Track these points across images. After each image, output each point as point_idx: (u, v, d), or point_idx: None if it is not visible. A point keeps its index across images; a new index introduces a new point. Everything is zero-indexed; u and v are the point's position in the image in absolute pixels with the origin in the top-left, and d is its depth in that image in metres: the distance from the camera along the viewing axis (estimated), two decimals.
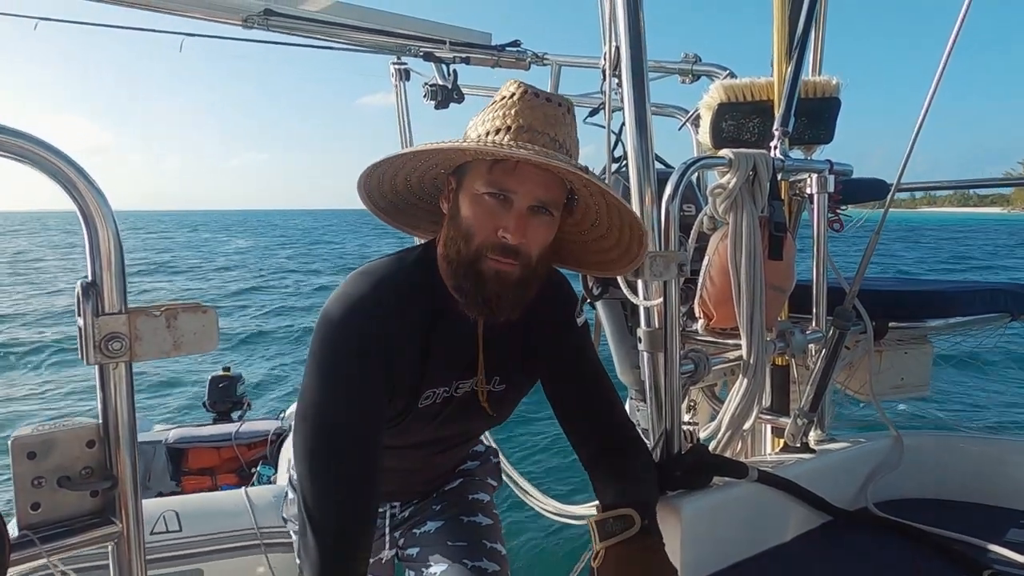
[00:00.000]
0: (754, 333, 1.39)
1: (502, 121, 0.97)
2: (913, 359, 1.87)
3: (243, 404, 4.72)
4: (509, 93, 1.00)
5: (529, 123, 0.96)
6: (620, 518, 1.05)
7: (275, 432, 4.20)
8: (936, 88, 1.49)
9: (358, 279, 1.02)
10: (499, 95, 1.01)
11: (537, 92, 0.99)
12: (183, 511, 2.98)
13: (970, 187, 2.57)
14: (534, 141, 0.95)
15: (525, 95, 0.99)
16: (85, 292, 0.66)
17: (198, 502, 3.12)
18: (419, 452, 1.19)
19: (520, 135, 0.96)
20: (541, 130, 0.97)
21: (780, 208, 1.47)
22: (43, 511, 0.68)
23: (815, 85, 1.79)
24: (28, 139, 0.62)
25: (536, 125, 0.97)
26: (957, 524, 1.41)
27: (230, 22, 2.27)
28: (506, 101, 0.99)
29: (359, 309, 0.98)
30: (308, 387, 0.98)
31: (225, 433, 4.20)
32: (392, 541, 1.32)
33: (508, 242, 0.94)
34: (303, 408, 0.99)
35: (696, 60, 2.39)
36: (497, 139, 0.96)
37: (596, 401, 1.17)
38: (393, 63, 2.87)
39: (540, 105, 0.98)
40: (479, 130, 1.00)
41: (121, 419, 0.70)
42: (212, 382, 4.65)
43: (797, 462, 1.50)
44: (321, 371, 0.97)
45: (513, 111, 0.97)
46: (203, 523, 2.91)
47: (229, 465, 4.16)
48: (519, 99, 0.99)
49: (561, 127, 0.99)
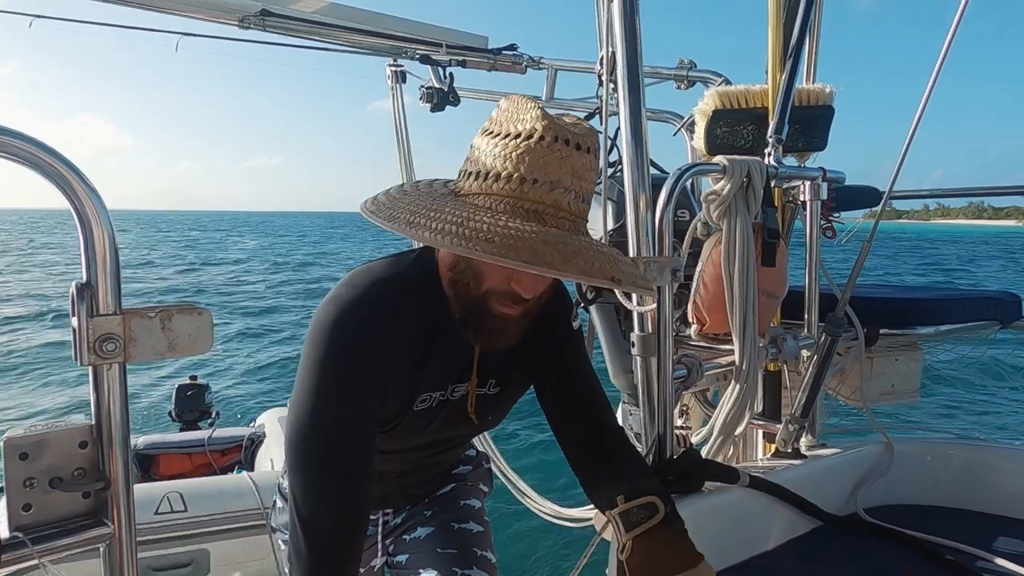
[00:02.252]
0: (747, 339, 1.40)
1: (526, 168, 0.85)
2: (904, 366, 1.89)
3: (211, 413, 4.58)
4: (535, 131, 0.86)
5: (557, 179, 0.86)
6: (644, 507, 1.04)
7: (249, 438, 4.12)
8: (928, 97, 1.51)
9: (352, 281, 1.00)
10: (521, 126, 0.87)
11: (567, 138, 0.86)
12: (187, 492, 2.96)
13: (963, 195, 2.59)
14: (559, 203, 0.86)
15: (556, 143, 0.86)
16: (80, 293, 0.66)
17: (202, 484, 3.12)
18: (413, 455, 1.19)
19: (546, 194, 0.85)
20: (568, 186, 0.86)
21: (773, 215, 1.48)
22: (35, 512, 0.68)
23: (809, 93, 1.80)
24: (23, 139, 0.62)
25: (564, 180, 0.86)
26: (946, 530, 1.42)
27: (227, 22, 2.27)
28: (530, 144, 0.86)
29: (353, 313, 0.96)
30: (301, 390, 0.97)
31: (198, 439, 4.09)
32: (383, 548, 1.31)
33: (521, 295, 0.91)
34: (295, 412, 0.97)
35: (691, 66, 2.40)
36: (511, 188, 0.85)
37: (590, 406, 1.17)
38: (389, 65, 2.88)
39: (570, 156, 0.86)
40: (495, 166, 0.87)
41: (114, 420, 0.70)
42: (179, 391, 4.50)
43: (788, 468, 1.51)
44: (314, 375, 0.95)
45: (540, 160, 0.85)
46: (208, 504, 2.89)
47: (202, 471, 4.03)
48: (548, 145, 0.85)
49: (586, 177, 0.89)
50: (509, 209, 0.85)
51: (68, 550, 0.69)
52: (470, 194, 0.89)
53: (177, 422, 4.49)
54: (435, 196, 0.91)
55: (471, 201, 0.87)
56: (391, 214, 0.88)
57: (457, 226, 0.81)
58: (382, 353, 0.97)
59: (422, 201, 0.89)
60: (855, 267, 1.57)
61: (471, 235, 0.79)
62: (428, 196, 0.91)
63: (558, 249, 0.81)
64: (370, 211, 0.91)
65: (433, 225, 0.82)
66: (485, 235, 0.79)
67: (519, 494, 2.91)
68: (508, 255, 0.78)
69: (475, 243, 0.79)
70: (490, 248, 0.78)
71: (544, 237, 0.81)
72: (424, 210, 0.86)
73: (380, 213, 0.90)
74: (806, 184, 1.62)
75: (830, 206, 1.67)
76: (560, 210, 0.86)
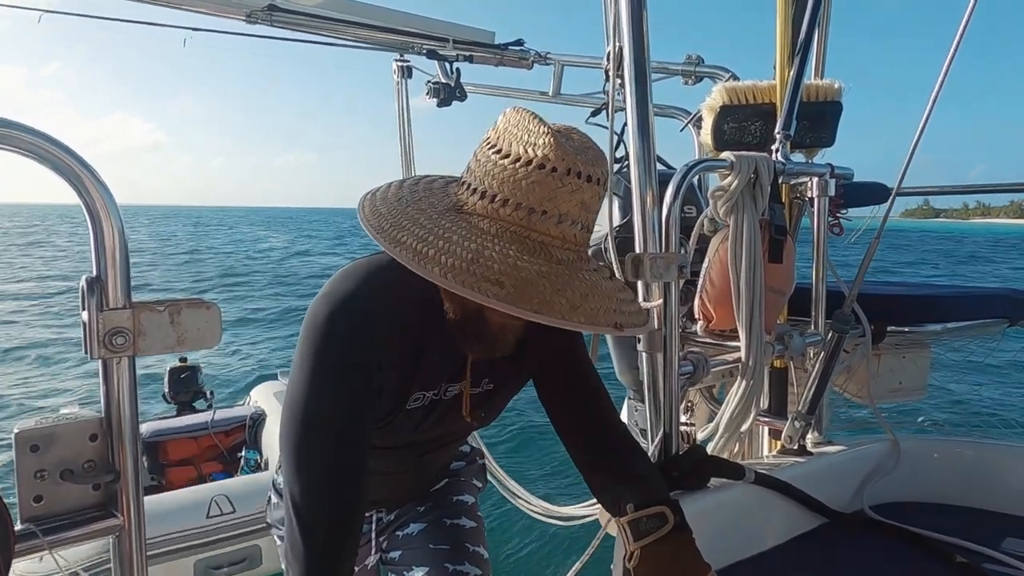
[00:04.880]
0: (753, 335, 1.40)
1: (534, 197, 0.83)
2: (911, 363, 1.88)
3: (205, 393, 4.64)
4: (547, 162, 0.83)
5: (566, 212, 0.84)
6: (654, 516, 1.04)
7: (251, 417, 4.23)
8: (938, 92, 1.50)
9: (346, 276, 0.99)
10: (532, 151, 0.84)
11: (579, 171, 0.84)
12: (233, 493, 3.14)
13: (967, 192, 2.57)
14: (566, 236, 0.85)
15: (568, 175, 0.83)
16: (90, 287, 0.67)
17: (244, 483, 3.31)
18: (406, 453, 1.18)
19: (552, 227, 0.84)
20: (576, 219, 0.85)
21: (781, 211, 1.48)
22: (45, 504, 0.69)
23: (817, 88, 1.79)
24: (34, 134, 0.62)
25: (572, 213, 0.85)
26: (953, 528, 1.42)
27: (234, 17, 2.28)
28: (542, 174, 0.83)
29: (347, 309, 0.95)
30: (295, 384, 0.96)
31: (200, 422, 4.18)
32: (377, 546, 1.31)
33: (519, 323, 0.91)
34: (291, 405, 0.96)
35: (699, 62, 2.39)
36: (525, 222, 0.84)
37: (594, 404, 1.17)
38: (396, 60, 2.88)
39: (579, 188, 0.84)
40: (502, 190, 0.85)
41: (124, 413, 0.70)
42: (171, 373, 4.55)
43: (794, 464, 1.51)
44: (308, 368, 0.95)
45: (550, 191, 0.83)
46: (254, 502, 3.05)
47: (210, 453, 4.16)
48: (560, 177, 0.83)
49: (593, 208, 0.88)
50: (516, 240, 0.83)
51: (78, 541, 0.69)
52: (474, 214, 0.87)
53: (172, 404, 4.56)
54: (438, 209, 0.89)
55: (476, 224, 0.85)
56: (396, 236, 0.84)
57: (468, 263, 0.79)
58: (377, 349, 0.96)
59: (426, 217, 0.87)
60: (863, 263, 1.56)
61: (482, 275, 0.78)
62: (430, 207, 0.89)
63: (567, 296, 0.81)
64: (372, 224, 0.87)
65: (443, 260, 0.80)
66: (496, 278, 0.78)
67: (508, 494, 2.89)
68: (519, 304, 0.77)
69: (486, 286, 0.78)
70: (501, 295, 0.77)
71: (555, 284, 0.81)
72: (431, 236, 0.83)
73: (384, 231, 0.86)
74: (814, 180, 1.61)
75: (838, 203, 1.66)
76: (567, 242, 0.86)
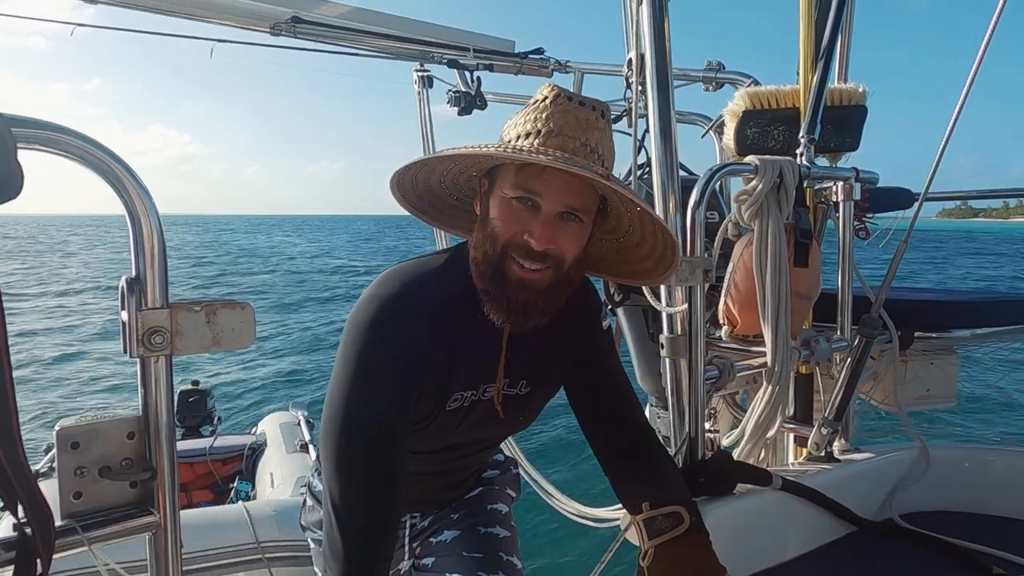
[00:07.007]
0: (779, 340, 1.39)
1: (533, 125, 0.97)
2: (939, 370, 1.85)
3: (213, 418, 4.60)
4: (542, 97, 1.00)
5: (560, 127, 0.95)
6: (669, 516, 1.04)
7: (250, 447, 4.10)
8: (966, 96, 1.48)
9: (387, 280, 1.02)
10: (533, 99, 1.01)
11: (570, 96, 0.98)
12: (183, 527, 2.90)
13: (996, 196, 2.53)
14: (564, 147, 0.94)
15: (558, 99, 0.98)
16: (129, 287, 0.68)
17: (195, 517, 2.93)
18: (444, 456, 1.19)
19: (550, 139, 0.95)
20: (572, 135, 0.95)
21: (806, 215, 1.47)
22: (85, 500, 0.70)
23: (841, 92, 1.78)
24: (80, 138, 0.64)
25: (567, 129, 0.96)
26: (985, 537, 1.39)
27: (259, 29, 2.32)
28: (539, 105, 0.99)
29: (388, 310, 0.98)
30: (337, 386, 0.99)
31: (199, 448, 4.09)
32: (410, 552, 1.32)
33: (533, 247, 0.94)
34: (332, 407, 0.99)
35: (720, 68, 2.39)
36: (527, 143, 0.96)
37: (621, 405, 1.17)
38: (416, 70, 2.91)
39: (572, 109, 0.97)
40: (511, 133, 0.99)
41: (161, 412, 0.72)
42: (181, 396, 4.50)
43: (821, 471, 1.49)
44: (350, 371, 0.98)
45: (544, 115, 0.97)
46: (202, 538, 2.73)
47: (203, 481, 4.06)
48: (551, 103, 0.98)
49: (593, 131, 0.98)
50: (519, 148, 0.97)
51: (116, 538, 0.71)
52: None
53: (179, 428, 4.51)
54: None
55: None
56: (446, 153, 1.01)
57: (495, 147, 0.96)
58: (418, 351, 0.98)
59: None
60: (890, 268, 1.54)
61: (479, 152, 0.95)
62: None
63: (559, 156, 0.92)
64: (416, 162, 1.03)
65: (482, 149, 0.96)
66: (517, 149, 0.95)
67: (544, 493, 2.90)
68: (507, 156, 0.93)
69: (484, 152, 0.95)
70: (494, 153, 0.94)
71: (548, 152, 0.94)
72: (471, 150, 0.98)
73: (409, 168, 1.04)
74: (839, 184, 1.60)
75: (863, 207, 1.65)
76: (567, 152, 0.94)
